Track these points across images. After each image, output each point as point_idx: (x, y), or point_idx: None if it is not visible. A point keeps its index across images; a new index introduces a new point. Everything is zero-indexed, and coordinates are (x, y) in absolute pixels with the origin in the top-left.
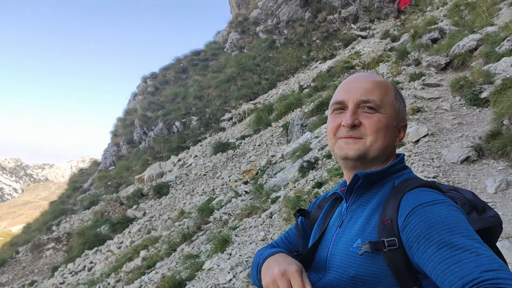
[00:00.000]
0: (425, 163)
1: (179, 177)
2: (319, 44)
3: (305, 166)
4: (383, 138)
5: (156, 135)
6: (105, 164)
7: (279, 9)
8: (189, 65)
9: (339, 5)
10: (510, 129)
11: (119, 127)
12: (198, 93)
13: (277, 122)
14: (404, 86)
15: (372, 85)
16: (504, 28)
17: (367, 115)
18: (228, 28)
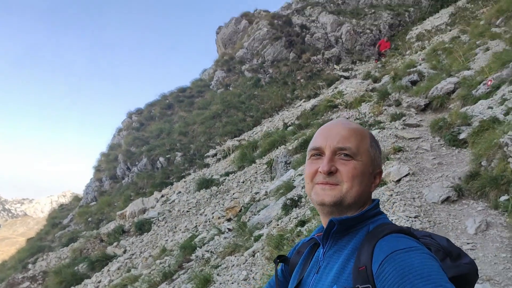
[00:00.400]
0: (407, 202)
1: (161, 213)
2: (303, 83)
3: (289, 204)
4: (359, 184)
5: (139, 170)
6: (87, 200)
7: (265, 49)
8: (175, 101)
9: (323, 47)
10: (488, 170)
11: (103, 162)
12: (183, 129)
13: (261, 159)
14: (386, 125)
15: (348, 132)
16: (480, 72)
17: (343, 162)
18: (215, 66)
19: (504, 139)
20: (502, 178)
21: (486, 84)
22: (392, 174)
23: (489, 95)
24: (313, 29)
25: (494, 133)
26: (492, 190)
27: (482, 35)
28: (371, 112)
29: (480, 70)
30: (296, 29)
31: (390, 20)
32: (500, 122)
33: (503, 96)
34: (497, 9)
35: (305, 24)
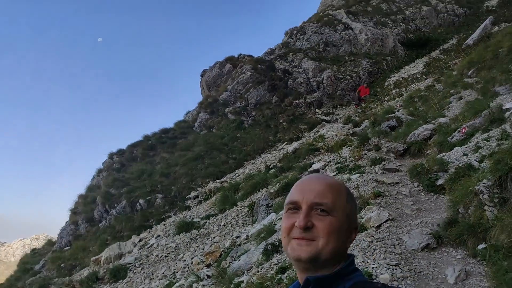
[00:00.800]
0: (387, 249)
1: (138, 258)
2: (285, 126)
3: (269, 249)
4: (335, 240)
5: (118, 213)
6: (60, 244)
7: (248, 93)
8: (158, 142)
9: (305, 91)
10: (465, 217)
11: (80, 204)
12: (165, 171)
13: (243, 201)
14: (366, 170)
15: (325, 188)
16: (454, 120)
17: (319, 218)
18: (198, 108)
19: (479, 187)
20: (479, 226)
21: (461, 131)
22: (372, 220)
23: (464, 142)
24: (296, 74)
25: (470, 180)
26: (470, 238)
27: (455, 84)
28: (352, 156)
29: (455, 117)
30: (279, 74)
31: (369, 67)
32: (475, 169)
33: (477, 144)
34: (468, 60)
35: (288, 69)
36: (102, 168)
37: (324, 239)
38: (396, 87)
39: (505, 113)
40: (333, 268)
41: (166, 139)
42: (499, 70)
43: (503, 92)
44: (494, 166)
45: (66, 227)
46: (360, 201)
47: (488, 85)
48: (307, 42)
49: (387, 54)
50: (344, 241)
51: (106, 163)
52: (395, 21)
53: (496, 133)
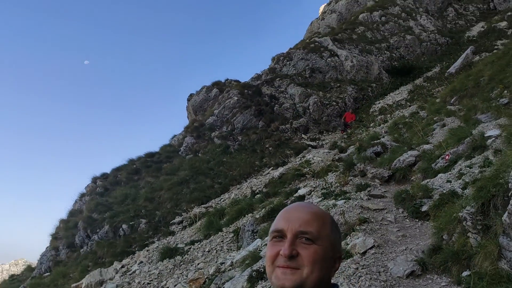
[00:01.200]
0: (372, 277)
1: (120, 285)
2: (271, 151)
3: (254, 276)
4: (319, 269)
5: (100, 238)
6: (40, 270)
7: (234, 117)
8: (142, 166)
9: (291, 117)
10: (449, 244)
11: (61, 229)
12: (149, 195)
13: (228, 227)
14: (352, 196)
15: (310, 216)
16: (438, 147)
17: (304, 246)
18: (184, 132)
19: (463, 214)
20: (463, 253)
21: (444, 158)
22: (358, 246)
23: (447, 169)
24: (282, 100)
25: (454, 207)
26: (454, 265)
27: (439, 112)
28: (338, 182)
29: (438, 144)
30: (266, 99)
31: (354, 94)
32: (458, 196)
33: (460, 171)
34: (451, 88)
35: (274, 94)
36: (85, 192)
37: (309, 268)
38: (381, 114)
39: (487, 140)
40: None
41: (151, 163)
42: (481, 98)
43: (484, 119)
44: (477, 193)
45: (46, 253)
46: (345, 227)
47: (470, 112)
48: (293, 68)
49: (372, 81)
50: (328, 270)
51: (89, 187)
52: (379, 49)
53: (478, 160)
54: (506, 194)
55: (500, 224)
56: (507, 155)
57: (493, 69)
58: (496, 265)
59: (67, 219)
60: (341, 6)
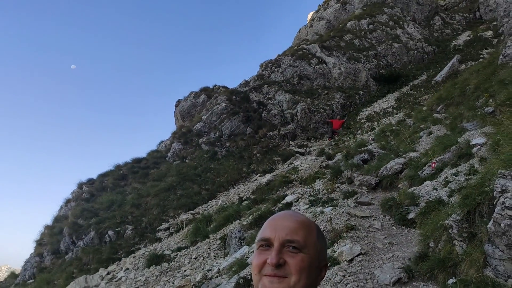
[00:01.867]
0: (359, 284)
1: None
2: (259, 158)
3: (241, 283)
4: (306, 278)
5: (85, 244)
6: (24, 277)
7: (222, 124)
8: (129, 172)
9: (279, 123)
10: (435, 251)
11: (46, 236)
12: (136, 201)
13: (215, 234)
14: (339, 203)
15: (297, 225)
16: (424, 154)
17: (291, 255)
18: (172, 138)
19: (449, 221)
20: (449, 260)
21: (431, 166)
22: (345, 254)
23: (433, 176)
24: (270, 106)
25: (440, 214)
26: (440, 272)
27: (425, 120)
28: (325, 189)
29: (425, 152)
30: (254, 105)
31: (342, 101)
32: (444, 203)
33: (446, 179)
34: (437, 97)
35: (262, 101)
36: (71, 198)
37: (296, 276)
38: (368, 121)
39: (472, 148)
40: None
41: (138, 169)
42: (466, 106)
43: (470, 128)
44: (463, 201)
45: (31, 259)
46: (332, 234)
47: (456, 121)
48: (281, 74)
49: (360, 89)
50: (315, 278)
51: (75, 193)
52: (367, 57)
53: (464, 168)
54: (491, 202)
55: (486, 232)
56: (493, 163)
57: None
58: (481, 273)
59: (52, 225)
60: (329, 14)
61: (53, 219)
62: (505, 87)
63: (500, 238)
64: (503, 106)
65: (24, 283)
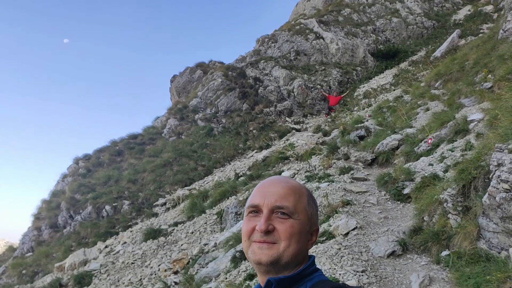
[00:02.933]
0: (354, 256)
1: (104, 265)
2: (255, 134)
3: (238, 257)
4: (296, 243)
5: (83, 219)
6: (22, 250)
7: (218, 100)
8: (125, 148)
9: (275, 100)
10: (430, 225)
11: (43, 210)
12: (132, 177)
13: (212, 209)
14: (335, 179)
15: (286, 190)
16: (421, 131)
17: (280, 221)
18: (167, 114)
19: (444, 196)
20: (443, 233)
21: (427, 142)
22: (340, 228)
23: (429, 152)
24: (266, 82)
25: (435, 189)
26: (434, 245)
27: (423, 96)
28: (321, 165)
29: (421, 128)
30: (250, 81)
31: (339, 77)
32: (440, 178)
33: (442, 154)
34: (436, 72)
35: (259, 77)
36: (67, 173)
37: (285, 242)
38: (365, 97)
39: (469, 124)
40: (294, 270)
41: (134, 144)
42: (465, 82)
43: (468, 103)
44: (458, 176)
45: (29, 233)
46: (328, 209)
47: (454, 96)
48: (278, 50)
49: (357, 65)
50: (305, 243)
51: (71, 168)
52: (365, 32)
53: (460, 143)
54: (487, 176)
55: (480, 205)
56: (490, 138)
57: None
58: (475, 245)
59: (50, 199)
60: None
61: (50, 194)
62: (505, 62)
63: (494, 211)
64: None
65: (23, 256)
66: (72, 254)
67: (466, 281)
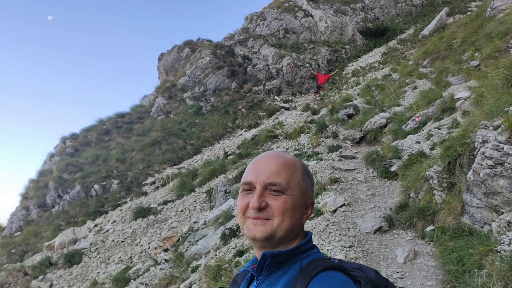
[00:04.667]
0: (342, 232)
1: (94, 244)
2: (244, 113)
3: (227, 234)
4: (289, 218)
5: (72, 198)
6: (11, 229)
7: (207, 78)
8: (113, 127)
9: (264, 78)
10: (415, 201)
11: (31, 189)
12: (120, 156)
13: (201, 187)
14: (323, 157)
15: (279, 166)
16: (409, 109)
17: (273, 197)
18: (155, 92)
19: (430, 173)
20: (428, 209)
21: (415, 120)
22: (328, 205)
23: (417, 130)
24: (255, 61)
25: (421, 166)
26: (419, 220)
27: (411, 74)
28: (310, 143)
29: (409, 106)
30: (239, 60)
31: (328, 55)
32: (426, 156)
33: (429, 132)
34: (424, 51)
35: (247, 55)
36: (54, 152)
37: (278, 218)
38: (354, 76)
39: (456, 102)
40: (290, 244)
41: (122, 123)
42: (452, 60)
43: (455, 82)
44: (444, 153)
45: (17, 212)
46: (317, 186)
47: (442, 75)
48: (267, 28)
49: (346, 43)
50: (299, 217)
51: (58, 148)
52: (354, 10)
53: (447, 121)
54: (472, 153)
55: (465, 181)
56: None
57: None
58: (459, 220)
59: (37, 179)
60: None
61: (38, 173)
62: (492, 40)
63: (478, 187)
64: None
65: (11, 236)
66: (62, 233)
67: (450, 254)
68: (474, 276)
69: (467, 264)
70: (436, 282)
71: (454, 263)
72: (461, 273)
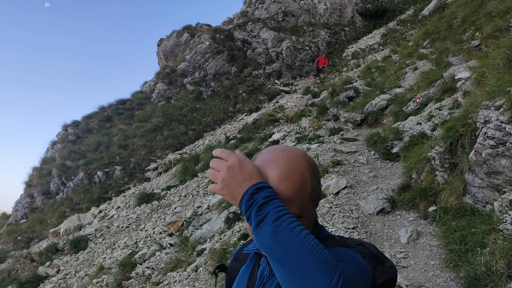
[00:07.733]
0: (345, 214)
1: (99, 229)
2: (245, 97)
3: (231, 218)
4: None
5: (75, 185)
6: (16, 217)
7: (207, 63)
8: (114, 114)
9: (264, 62)
10: (418, 182)
11: (34, 177)
12: (122, 142)
13: (204, 172)
14: (325, 140)
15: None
16: (409, 90)
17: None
18: (156, 78)
19: (432, 154)
20: (430, 190)
21: (415, 101)
22: (331, 187)
23: (418, 111)
24: (255, 44)
25: (423, 147)
26: (422, 201)
27: (411, 55)
28: (311, 126)
29: (410, 88)
30: (238, 44)
31: (327, 38)
32: (428, 137)
33: (430, 113)
34: (424, 31)
35: (247, 39)
36: (56, 140)
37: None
38: (354, 58)
39: (457, 83)
40: None
41: (123, 110)
42: (453, 41)
43: (455, 62)
44: (446, 134)
45: (21, 200)
46: (319, 169)
47: (442, 55)
48: (266, 11)
49: (346, 25)
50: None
51: (61, 135)
52: None
53: (448, 102)
54: (474, 134)
55: (467, 161)
56: (477, 96)
57: (466, 11)
58: (461, 200)
59: (40, 167)
60: None
61: (41, 161)
62: (492, 20)
63: (480, 167)
64: (489, 39)
65: (17, 223)
66: (67, 219)
67: (452, 234)
68: (476, 255)
69: (469, 243)
70: (439, 261)
71: (457, 242)
72: (464, 252)
